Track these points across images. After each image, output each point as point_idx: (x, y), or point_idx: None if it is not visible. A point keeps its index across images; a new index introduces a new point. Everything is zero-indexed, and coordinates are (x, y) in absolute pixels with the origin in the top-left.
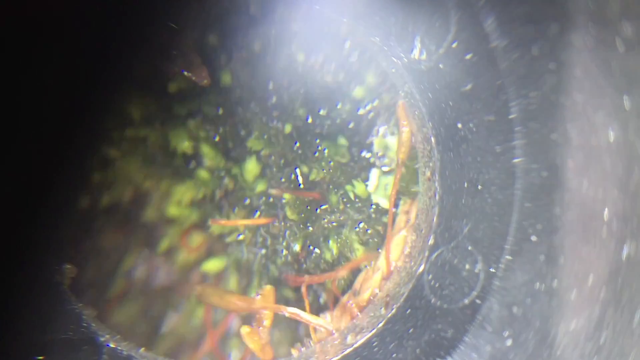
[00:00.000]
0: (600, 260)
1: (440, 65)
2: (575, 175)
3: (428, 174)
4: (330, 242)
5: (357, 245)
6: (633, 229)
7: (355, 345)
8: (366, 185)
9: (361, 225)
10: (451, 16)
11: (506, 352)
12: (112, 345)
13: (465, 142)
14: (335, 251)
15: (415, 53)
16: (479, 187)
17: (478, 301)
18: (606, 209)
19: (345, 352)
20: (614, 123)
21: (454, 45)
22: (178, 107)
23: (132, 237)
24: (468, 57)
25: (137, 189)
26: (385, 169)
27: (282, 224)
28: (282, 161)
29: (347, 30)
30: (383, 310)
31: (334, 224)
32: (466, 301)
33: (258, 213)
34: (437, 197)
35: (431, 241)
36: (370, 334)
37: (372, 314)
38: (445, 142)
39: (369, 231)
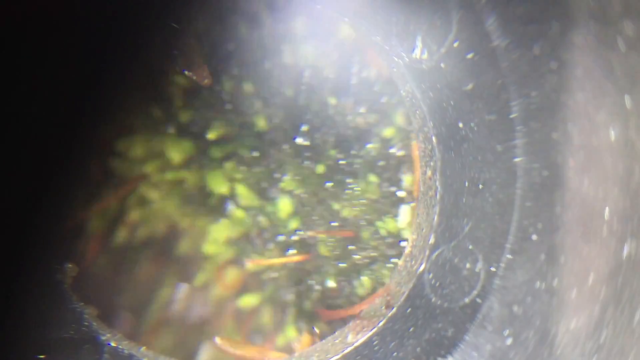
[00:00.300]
0: (601, 259)
1: (442, 65)
2: (576, 175)
3: (429, 173)
4: (363, 277)
5: (388, 280)
6: (633, 228)
7: (356, 344)
8: (396, 221)
9: (392, 260)
10: (452, 16)
11: (506, 351)
12: (113, 344)
13: (466, 141)
14: (367, 286)
15: (417, 52)
16: (480, 186)
17: (478, 300)
18: (607, 208)
19: (346, 351)
20: (615, 122)
21: (455, 44)
22: (215, 150)
23: (168, 271)
24: (469, 56)
25: (174, 226)
26: (413, 204)
27: (316, 260)
28: (315, 199)
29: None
30: (384, 309)
31: (367, 260)
32: (467, 300)
33: (291, 251)
34: (438, 196)
35: (432, 240)
36: (371, 333)
37: (373, 313)
38: (446, 141)
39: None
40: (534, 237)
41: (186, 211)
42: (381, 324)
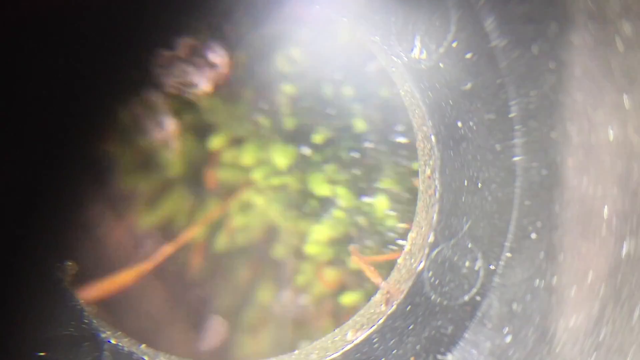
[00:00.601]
0: (600, 257)
1: (441, 65)
2: (575, 173)
3: (428, 172)
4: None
5: None
6: (632, 227)
7: (356, 342)
8: None
9: None
10: (451, 15)
11: (506, 349)
12: (113, 342)
13: (465, 140)
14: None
15: (416, 52)
16: (479, 185)
17: (478, 298)
18: (606, 207)
19: (346, 349)
20: (613, 122)
21: (454, 44)
22: (317, 154)
23: (266, 273)
24: (468, 56)
25: (274, 229)
26: None
27: None
28: (410, 196)
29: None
30: (383, 307)
31: None
32: (466, 298)
33: (391, 247)
34: (437, 194)
35: (431, 238)
36: (371, 331)
37: (372, 311)
38: (445, 140)
39: None
40: (533, 235)
41: (288, 214)
42: (381, 321)
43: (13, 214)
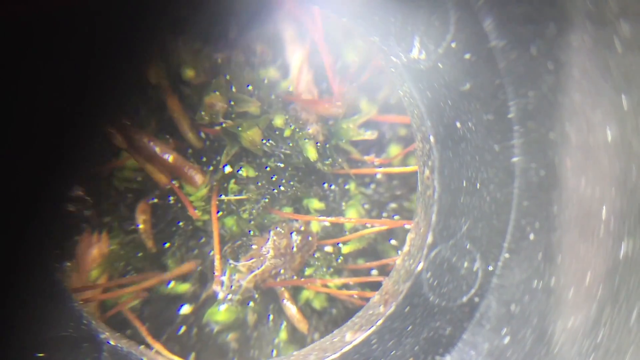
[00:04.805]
0: (598, 258)
1: (439, 65)
2: (573, 174)
3: (427, 172)
4: None
5: None
6: (630, 228)
7: (354, 343)
8: None
9: None
10: (450, 16)
11: (504, 350)
12: (112, 343)
13: (464, 141)
14: None
15: (414, 52)
16: (478, 185)
17: (476, 299)
18: (604, 208)
19: (344, 350)
20: (611, 122)
21: (453, 45)
22: None
23: None
24: (467, 56)
25: None
26: None
27: None
28: None
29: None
30: (382, 308)
31: None
32: (464, 299)
33: None
34: (435, 195)
35: (430, 239)
36: (369, 332)
37: (371, 312)
38: (444, 141)
39: None
40: (532, 236)
41: None
42: (379, 322)
43: (12, 215)
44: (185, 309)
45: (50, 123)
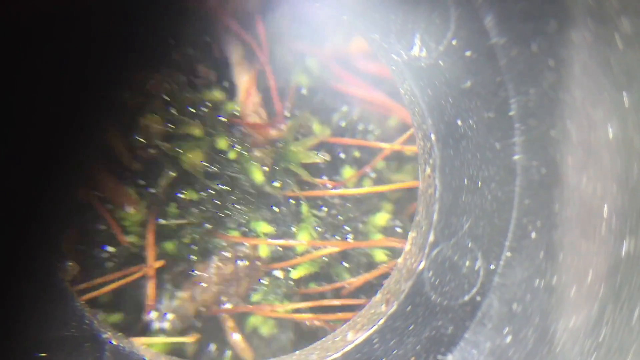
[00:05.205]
0: (600, 256)
1: (440, 62)
2: (574, 172)
3: (428, 170)
4: None
5: None
6: (632, 226)
7: (356, 342)
8: None
9: None
10: (451, 13)
11: (506, 349)
12: (114, 343)
13: (465, 138)
14: None
15: (415, 50)
16: (479, 183)
17: (478, 298)
18: (605, 206)
19: (346, 349)
20: (613, 119)
21: (454, 42)
22: None
23: None
24: (468, 54)
25: None
26: None
27: None
28: None
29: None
30: (383, 307)
31: None
32: (466, 298)
33: None
34: (437, 194)
35: (431, 238)
36: (371, 331)
37: (373, 311)
38: (445, 139)
39: None
40: (533, 234)
41: None
42: (381, 321)
43: (14, 214)
44: None
45: (50, 123)
